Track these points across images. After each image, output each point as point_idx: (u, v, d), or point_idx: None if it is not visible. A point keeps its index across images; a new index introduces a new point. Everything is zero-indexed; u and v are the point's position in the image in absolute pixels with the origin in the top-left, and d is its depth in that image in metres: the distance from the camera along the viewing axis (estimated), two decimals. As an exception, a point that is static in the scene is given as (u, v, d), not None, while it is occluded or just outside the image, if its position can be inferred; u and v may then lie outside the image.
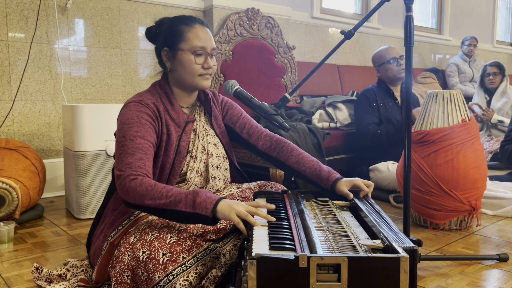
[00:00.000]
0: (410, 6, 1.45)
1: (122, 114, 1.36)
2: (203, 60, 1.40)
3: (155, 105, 1.38)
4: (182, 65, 1.39)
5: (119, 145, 1.31)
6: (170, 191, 1.20)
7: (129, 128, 1.32)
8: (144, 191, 1.20)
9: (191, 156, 1.44)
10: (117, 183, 1.26)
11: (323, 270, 0.89)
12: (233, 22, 3.21)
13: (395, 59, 2.76)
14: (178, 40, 1.39)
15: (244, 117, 1.59)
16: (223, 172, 1.52)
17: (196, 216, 1.16)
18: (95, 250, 1.40)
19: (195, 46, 1.37)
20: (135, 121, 1.33)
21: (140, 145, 1.29)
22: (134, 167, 1.25)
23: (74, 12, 2.78)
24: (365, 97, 2.81)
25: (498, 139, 3.40)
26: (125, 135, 1.31)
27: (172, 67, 1.42)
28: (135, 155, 1.27)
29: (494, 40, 6.42)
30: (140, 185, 1.21)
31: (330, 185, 1.41)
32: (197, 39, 1.38)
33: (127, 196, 1.23)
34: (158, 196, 1.19)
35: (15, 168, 2.13)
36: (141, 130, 1.32)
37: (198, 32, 1.39)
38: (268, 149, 1.54)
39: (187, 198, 1.18)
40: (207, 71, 1.41)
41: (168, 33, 1.41)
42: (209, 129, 1.53)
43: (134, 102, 1.37)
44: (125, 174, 1.24)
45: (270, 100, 3.25)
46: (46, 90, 2.71)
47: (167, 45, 1.41)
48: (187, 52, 1.38)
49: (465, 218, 1.99)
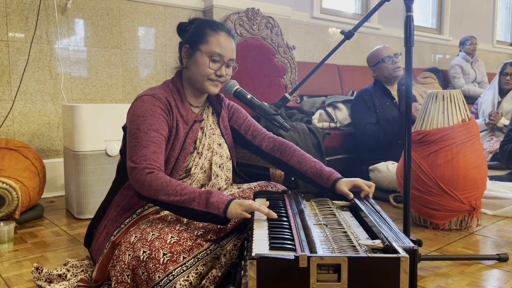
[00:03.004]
0: (410, 6, 1.45)
1: (136, 107, 1.38)
2: (218, 67, 1.42)
3: (167, 99, 1.41)
4: (196, 65, 1.42)
5: (133, 137, 1.32)
6: (185, 189, 1.22)
7: (143, 120, 1.34)
8: (159, 186, 1.22)
9: (197, 152, 1.46)
10: (131, 175, 1.27)
11: (323, 270, 0.89)
12: (233, 22, 3.21)
13: (390, 57, 2.76)
14: (200, 40, 1.42)
15: (249, 120, 1.63)
16: (225, 172, 1.53)
17: (209, 215, 1.19)
18: (97, 246, 1.41)
19: (213, 51, 1.40)
20: (150, 114, 1.35)
21: (154, 138, 1.32)
22: (149, 160, 1.27)
23: (74, 12, 2.78)
24: (361, 98, 2.81)
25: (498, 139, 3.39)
26: (140, 128, 1.33)
27: (187, 64, 1.45)
28: (150, 147, 1.30)
29: (494, 40, 6.42)
30: (155, 180, 1.23)
31: (330, 184, 1.42)
32: (217, 46, 1.41)
33: (141, 189, 1.25)
34: (173, 192, 1.22)
35: (15, 168, 2.13)
36: (155, 123, 1.34)
37: (220, 39, 1.41)
38: (271, 150, 1.57)
39: (200, 197, 1.21)
40: (218, 78, 1.43)
41: (194, 32, 1.45)
42: (216, 128, 1.55)
43: (148, 95, 1.39)
44: (140, 167, 1.26)
45: (270, 100, 3.25)
46: (46, 90, 2.71)
47: (189, 43, 1.45)
48: (205, 55, 1.41)
49: (465, 218, 1.99)
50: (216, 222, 1.21)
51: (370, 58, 2.86)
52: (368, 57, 2.89)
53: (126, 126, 1.43)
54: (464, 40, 5.10)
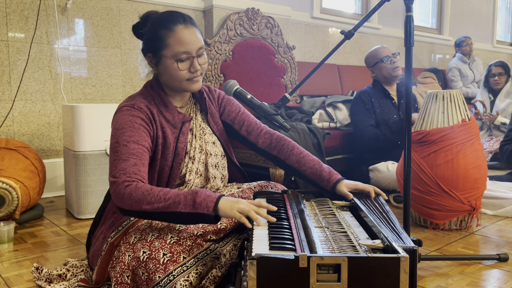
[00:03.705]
0: (410, 6, 1.45)
1: (115, 120, 1.33)
2: (188, 65, 1.34)
3: (148, 108, 1.35)
4: (167, 72, 1.35)
5: (113, 151, 1.27)
6: (168, 193, 1.17)
7: (122, 133, 1.28)
8: (141, 195, 1.17)
9: (189, 158, 1.42)
10: (111, 190, 1.22)
11: (323, 270, 0.89)
12: (233, 22, 3.21)
13: (388, 57, 2.75)
14: (159, 46, 1.33)
15: (243, 113, 1.55)
16: (221, 170, 1.51)
17: (198, 215, 1.14)
18: (94, 251, 1.40)
19: (177, 52, 1.31)
20: (128, 126, 1.29)
21: (134, 150, 1.26)
22: (128, 173, 1.21)
23: (74, 12, 2.78)
24: (360, 99, 2.81)
25: (498, 139, 3.40)
26: (118, 141, 1.27)
27: (158, 72, 1.40)
28: (129, 160, 1.24)
29: (494, 40, 6.42)
30: (135, 190, 1.17)
31: (331, 186, 1.41)
32: (178, 45, 1.31)
33: (122, 203, 1.19)
34: (156, 199, 1.16)
35: (15, 168, 2.13)
36: (135, 135, 1.28)
37: (179, 36, 1.32)
38: (268, 147, 1.52)
39: (186, 198, 1.15)
40: (194, 74, 1.35)
41: (149, 38, 1.37)
42: (206, 127, 1.50)
43: (127, 106, 1.34)
44: (119, 181, 1.20)
45: (270, 100, 3.25)
46: (46, 90, 2.71)
47: (150, 51, 1.37)
48: (170, 58, 1.32)
49: (465, 218, 2.00)
50: (207, 221, 1.16)
51: (369, 59, 2.86)
52: (366, 58, 2.88)
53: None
54: (460, 42, 5.06)
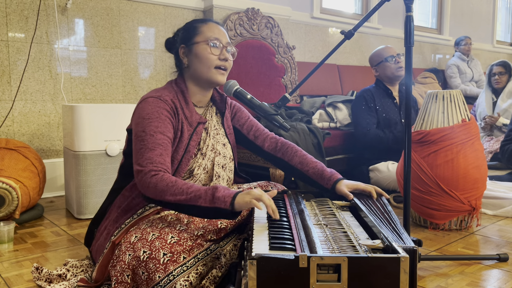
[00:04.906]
0: (410, 6, 1.45)
1: (141, 109, 1.37)
2: (219, 51, 1.43)
3: (172, 101, 1.40)
4: (198, 58, 1.42)
5: (139, 139, 1.32)
6: (191, 187, 1.22)
7: (149, 123, 1.33)
8: (165, 187, 1.22)
9: (201, 153, 1.46)
10: (137, 178, 1.27)
11: (323, 270, 0.89)
12: (233, 22, 3.21)
13: (392, 57, 2.76)
14: (193, 34, 1.44)
15: (251, 120, 1.63)
16: (227, 172, 1.53)
17: (216, 210, 1.19)
18: (98, 246, 1.41)
19: (210, 36, 1.41)
20: (155, 116, 1.34)
21: (160, 140, 1.31)
22: (155, 162, 1.27)
23: (74, 12, 2.78)
24: (363, 97, 2.81)
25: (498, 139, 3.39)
26: (145, 130, 1.32)
27: (188, 62, 1.45)
28: (156, 150, 1.29)
29: (494, 40, 6.42)
30: (161, 181, 1.23)
31: (331, 184, 1.42)
32: (211, 32, 1.42)
33: (147, 191, 1.25)
34: (179, 192, 1.21)
35: (15, 168, 2.13)
36: (161, 125, 1.34)
37: (212, 26, 1.44)
38: (273, 150, 1.57)
39: (206, 193, 1.20)
40: (223, 62, 1.43)
41: (183, 32, 1.47)
42: (220, 128, 1.55)
43: (153, 97, 1.38)
44: (146, 170, 1.26)
45: (270, 100, 3.25)
46: (46, 90, 2.71)
47: (183, 42, 1.46)
48: (202, 43, 1.41)
49: (465, 218, 2.00)
50: (225, 216, 1.21)
51: (373, 57, 2.86)
52: (370, 57, 2.89)
53: (130, 128, 1.42)
54: (459, 40, 5.12)
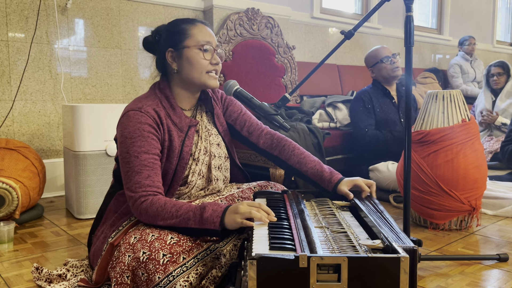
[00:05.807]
0: (410, 6, 1.45)
1: (123, 125, 1.32)
2: (211, 55, 1.38)
3: (155, 111, 1.34)
4: (189, 63, 1.37)
5: (124, 162, 1.29)
6: (180, 209, 1.21)
7: (132, 143, 1.29)
8: (155, 212, 1.22)
9: (193, 159, 1.43)
10: (130, 204, 1.28)
11: (323, 270, 0.89)
12: (233, 22, 3.21)
13: (388, 57, 2.76)
14: (182, 38, 1.37)
15: (244, 114, 1.58)
16: (223, 172, 1.52)
17: (206, 231, 1.19)
18: (94, 251, 1.40)
19: (202, 40, 1.36)
20: (137, 134, 1.29)
21: (145, 161, 1.28)
22: (143, 186, 1.26)
23: (74, 12, 2.78)
24: (360, 99, 2.81)
25: (498, 139, 3.39)
26: (129, 151, 1.29)
27: (178, 68, 1.39)
28: (143, 173, 1.27)
29: (494, 40, 6.42)
30: (151, 206, 1.23)
31: (332, 187, 1.41)
32: (202, 35, 1.37)
33: (140, 217, 1.27)
34: (169, 216, 1.21)
35: (15, 168, 2.13)
36: (145, 144, 1.29)
37: (202, 29, 1.39)
38: (269, 147, 1.53)
39: (195, 214, 1.19)
40: (215, 67, 1.39)
41: (170, 34, 1.39)
42: (212, 128, 1.51)
43: (133, 110, 1.32)
44: (136, 196, 1.25)
45: (270, 100, 3.25)
46: (46, 90, 2.71)
47: (171, 46, 1.38)
48: (194, 48, 1.36)
49: (465, 218, 1.99)
50: (215, 235, 1.21)
51: (369, 59, 2.86)
52: (366, 58, 2.89)
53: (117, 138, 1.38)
54: (463, 40, 5.12)
